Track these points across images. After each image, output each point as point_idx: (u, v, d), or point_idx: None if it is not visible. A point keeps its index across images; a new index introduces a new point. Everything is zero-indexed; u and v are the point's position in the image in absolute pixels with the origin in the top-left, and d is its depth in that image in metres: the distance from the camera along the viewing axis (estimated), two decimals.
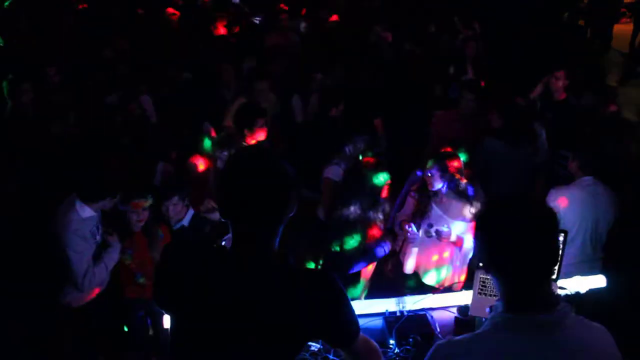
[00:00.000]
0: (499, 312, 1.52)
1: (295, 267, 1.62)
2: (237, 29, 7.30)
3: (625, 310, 3.28)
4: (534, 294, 1.50)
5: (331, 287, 1.59)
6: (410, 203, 3.86)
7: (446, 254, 3.76)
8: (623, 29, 12.95)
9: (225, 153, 4.11)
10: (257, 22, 8.44)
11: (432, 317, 2.93)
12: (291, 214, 1.63)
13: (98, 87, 5.41)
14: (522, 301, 1.50)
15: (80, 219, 3.26)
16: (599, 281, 3.27)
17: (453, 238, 3.62)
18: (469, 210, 3.64)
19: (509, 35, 7.94)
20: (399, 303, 2.98)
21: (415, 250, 3.80)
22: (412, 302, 3.01)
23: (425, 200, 3.73)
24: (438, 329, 2.84)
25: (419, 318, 2.91)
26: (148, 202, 3.50)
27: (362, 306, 2.95)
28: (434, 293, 3.22)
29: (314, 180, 4.21)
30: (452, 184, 3.65)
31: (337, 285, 1.60)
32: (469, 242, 3.63)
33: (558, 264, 2.73)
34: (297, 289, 1.56)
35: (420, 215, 3.72)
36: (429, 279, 3.81)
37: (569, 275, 3.24)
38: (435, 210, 3.71)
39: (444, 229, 3.57)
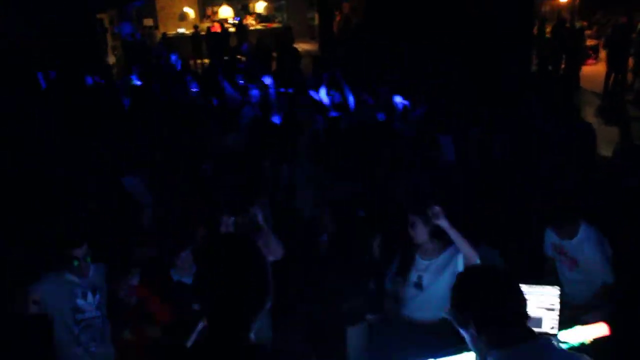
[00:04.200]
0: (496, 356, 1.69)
1: (271, 355, 1.56)
2: None
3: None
4: (516, 331, 1.71)
5: None
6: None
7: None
8: (590, 69, 13.53)
9: (233, 219, 3.94)
10: None
11: None
12: (267, 307, 1.59)
13: None
14: (509, 338, 1.69)
15: (56, 275, 3.23)
16: (601, 329, 3.12)
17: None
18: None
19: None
20: None
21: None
22: None
23: (409, 255, 3.59)
24: None
25: None
26: (131, 279, 3.38)
27: None
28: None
29: None
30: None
31: None
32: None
33: (557, 318, 2.64)
34: None
35: (404, 271, 3.58)
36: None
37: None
38: (420, 262, 3.55)
39: None
